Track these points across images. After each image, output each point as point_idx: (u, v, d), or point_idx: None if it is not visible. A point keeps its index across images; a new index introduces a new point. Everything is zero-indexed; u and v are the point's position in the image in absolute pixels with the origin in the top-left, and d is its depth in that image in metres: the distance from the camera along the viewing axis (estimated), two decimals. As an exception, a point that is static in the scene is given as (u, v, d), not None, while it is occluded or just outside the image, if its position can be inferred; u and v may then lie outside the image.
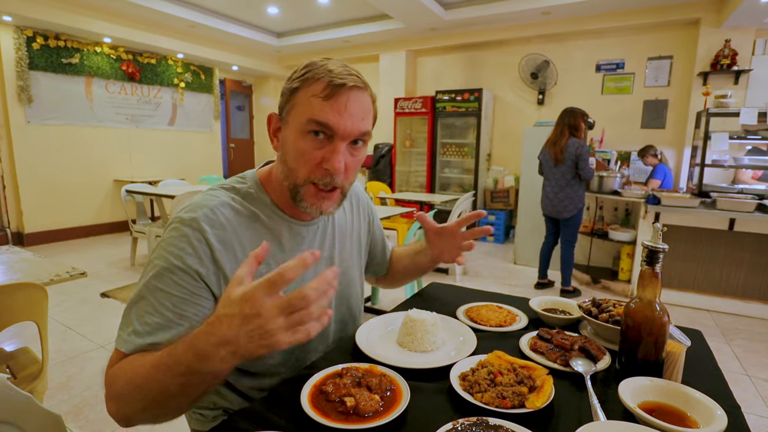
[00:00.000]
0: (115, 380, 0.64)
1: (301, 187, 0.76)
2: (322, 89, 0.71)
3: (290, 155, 0.75)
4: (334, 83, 0.71)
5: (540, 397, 0.66)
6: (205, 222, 0.73)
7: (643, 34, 4.83)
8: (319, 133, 0.72)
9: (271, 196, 0.83)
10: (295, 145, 0.74)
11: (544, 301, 1.09)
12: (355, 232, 1.01)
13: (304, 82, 0.73)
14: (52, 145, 4.97)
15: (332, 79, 0.71)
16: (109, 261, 4.36)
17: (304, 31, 6.33)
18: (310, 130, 0.72)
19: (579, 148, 3.24)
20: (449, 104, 5.61)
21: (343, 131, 0.72)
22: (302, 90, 0.73)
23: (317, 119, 0.71)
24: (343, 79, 0.72)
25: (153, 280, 0.69)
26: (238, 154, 7.77)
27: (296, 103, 0.74)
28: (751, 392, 2.22)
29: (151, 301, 0.68)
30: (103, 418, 1.88)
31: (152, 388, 0.60)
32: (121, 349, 0.66)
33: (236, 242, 0.76)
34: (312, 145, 0.73)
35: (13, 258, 1.61)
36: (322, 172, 0.74)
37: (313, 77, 0.73)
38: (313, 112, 0.71)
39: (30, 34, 4.66)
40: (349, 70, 0.74)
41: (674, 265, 3.41)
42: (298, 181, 0.75)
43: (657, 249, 0.72)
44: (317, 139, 0.73)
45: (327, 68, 0.73)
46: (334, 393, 0.68)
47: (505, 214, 5.46)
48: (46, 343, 1.33)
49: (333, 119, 0.71)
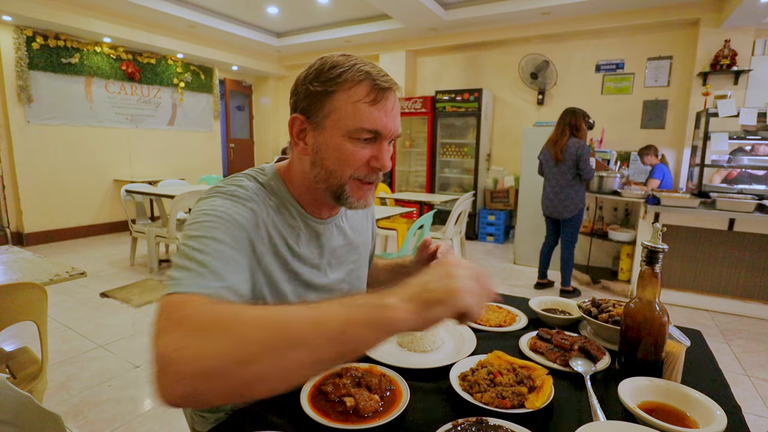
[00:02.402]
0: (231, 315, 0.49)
1: (345, 185, 0.77)
2: (366, 94, 0.72)
3: (332, 158, 0.75)
4: (380, 87, 0.72)
5: (540, 397, 0.66)
6: (245, 194, 0.73)
7: (643, 35, 4.84)
8: (366, 138, 0.74)
9: (292, 191, 0.83)
10: (340, 148, 0.74)
11: (544, 301, 1.09)
12: (364, 234, 1.02)
13: (340, 86, 0.72)
14: (52, 145, 4.97)
15: (375, 82, 0.72)
16: (109, 261, 4.36)
17: (303, 31, 6.33)
18: (360, 137, 0.73)
19: (580, 148, 3.24)
20: (449, 104, 5.61)
21: (389, 133, 0.75)
22: (341, 93, 0.72)
23: (368, 127, 0.72)
24: (386, 82, 0.73)
25: (201, 232, 0.63)
26: (237, 154, 7.77)
27: (336, 108, 0.73)
28: (750, 392, 2.22)
29: (206, 249, 0.61)
30: (102, 418, 1.88)
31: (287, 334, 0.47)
32: (196, 291, 0.54)
33: (269, 222, 0.76)
34: (359, 147, 0.74)
35: (13, 258, 1.61)
36: (369, 169, 0.76)
37: (352, 80, 0.72)
38: (362, 120, 0.72)
39: (30, 34, 4.65)
40: (380, 69, 0.75)
41: (674, 265, 3.41)
42: (342, 180, 0.76)
43: (657, 249, 0.72)
44: (364, 141, 0.74)
45: (364, 70, 0.72)
46: (334, 393, 0.68)
47: (504, 214, 5.46)
48: (45, 343, 1.33)
49: (381, 124, 0.73)
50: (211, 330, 0.47)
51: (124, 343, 2.58)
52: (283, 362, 0.46)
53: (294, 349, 0.46)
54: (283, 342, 0.46)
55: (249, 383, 0.46)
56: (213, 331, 0.47)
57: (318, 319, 0.48)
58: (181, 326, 0.48)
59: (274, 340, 0.46)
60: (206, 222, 0.65)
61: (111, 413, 1.91)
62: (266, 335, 0.47)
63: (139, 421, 1.87)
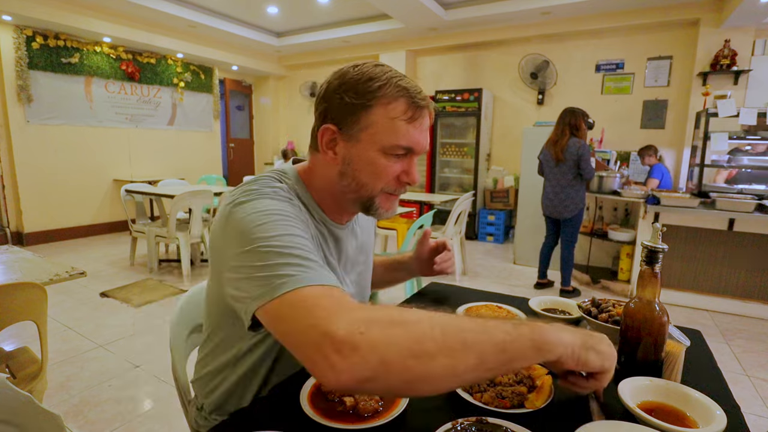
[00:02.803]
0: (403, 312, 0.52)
1: (376, 198, 0.78)
2: (404, 111, 0.72)
3: (365, 171, 0.75)
4: (417, 105, 0.73)
5: (539, 397, 0.66)
6: (283, 196, 0.72)
7: (643, 35, 4.84)
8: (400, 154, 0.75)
9: (313, 195, 0.82)
10: (374, 162, 0.74)
11: (544, 301, 1.09)
12: (371, 237, 1.04)
13: (378, 100, 0.71)
14: (52, 145, 4.96)
15: (413, 100, 0.73)
16: (109, 261, 4.36)
17: (303, 31, 6.33)
18: (395, 153, 0.74)
19: (580, 148, 3.24)
20: (449, 104, 5.61)
21: (421, 150, 0.76)
22: (379, 108, 0.71)
23: (404, 144, 0.73)
24: (423, 100, 0.74)
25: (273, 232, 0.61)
26: (237, 153, 7.77)
27: (373, 123, 0.72)
28: (750, 392, 2.22)
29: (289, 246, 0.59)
30: (102, 418, 1.88)
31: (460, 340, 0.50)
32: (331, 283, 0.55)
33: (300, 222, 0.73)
34: (392, 162, 0.75)
35: (13, 258, 1.61)
36: (399, 183, 0.78)
37: (390, 95, 0.71)
38: (399, 137, 0.73)
39: (29, 34, 4.65)
40: (416, 84, 0.76)
41: (674, 265, 3.41)
42: (374, 193, 0.77)
43: (656, 249, 0.72)
44: (396, 156, 0.75)
45: (401, 85, 0.72)
46: (334, 393, 0.67)
47: (504, 214, 5.46)
48: (45, 343, 1.33)
49: (415, 141, 0.74)
50: (388, 321, 0.49)
51: (124, 343, 2.58)
52: (453, 362, 0.48)
53: (465, 352, 0.49)
54: (457, 344, 0.49)
55: (420, 378, 0.48)
56: (391, 322, 0.49)
57: (488, 328, 0.52)
58: (355, 312, 0.50)
59: (450, 340, 0.49)
60: (275, 221, 0.63)
61: (111, 413, 1.91)
62: (442, 335, 0.49)
63: (139, 421, 1.87)
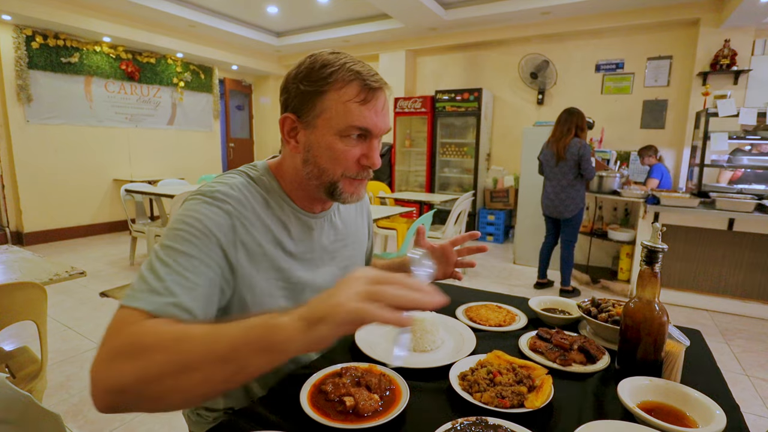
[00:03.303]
0: (142, 338, 0.53)
1: (338, 183, 0.78)
2: (356, 94, 0.73)
3: (324, 157, 0.77)
4: (370, 87, 0.74)
5: (539, 397, 0.66)
6: (224, 195, 0.74)
7: (643, 34, 4.84)
8: (358, 136, 0.76)
9: (283, 186, 0.84)
10: (331, 147, 0.76)
11: (544, 301, 1.09)
12: (359, 231, 1.02)
13: (331, 85, 0.73)
14: (52, 145, 4.96)
15: (365, 82, 0.74)
16: (109, 260, 4.36)
17: (303, 31, 6.33)
18: (351, 135, 0.75)
19: (582, 148, 3.25)
20: (449, 104, 5.61)
21: (379, 131, 0.77)
22: (332, 93, 0.73)
23: (359, 125, 0.74)
24: (376, 81, 0.75)
25: (171, 242, 0.66)
26: (237, 153, 7.77)
27: (327, 108, 0.74)
28: (749, 392, 2.22)
29: (169, 261, 0.64)
30: (102, 418, 1.88)
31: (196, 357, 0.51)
32: (142, 307, 0.58)
33: (254, 219, 0.77)
34: (350, 145, 0.76)
35: (12, 257, 1.61)
36: (360, 167, 0.78)
37: (342, 80, 0.73)
38: (353, 119, 0.74)
39: (29, 33, 4.65)
40: (370, 68, 0.77)
41: (673, 265, 3.41)
42: (335, 178, 0.78)
43: (656, 249, 0.72)
44: (354, 139, 0.76)
45: (354, 69, 0.74)
46: (334, 392, 0.68)
47: (504, 214, 5.46)
48: (45, 343, 1.33)
49: (371, 122, 0.75)
50: (128, 354, 0.52)
51: (123, 343, 2.58)
52: (178, 383, 0.51)
53: (187, 372, 0.50)
54: (176, 366, 0.51)
55: (156, 399, 0.52)
56: (130, 354, 0.52)
57: (210, 341, 0.52)
58: (112, 341, 0.55)
59: (170, 363, 0.51)
60: (180, 231, 0.67)
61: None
62: (164, 359, 0.51)
63: (138, 421, 1.87)
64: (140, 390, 0.51)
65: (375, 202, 4.46)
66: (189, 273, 0.64)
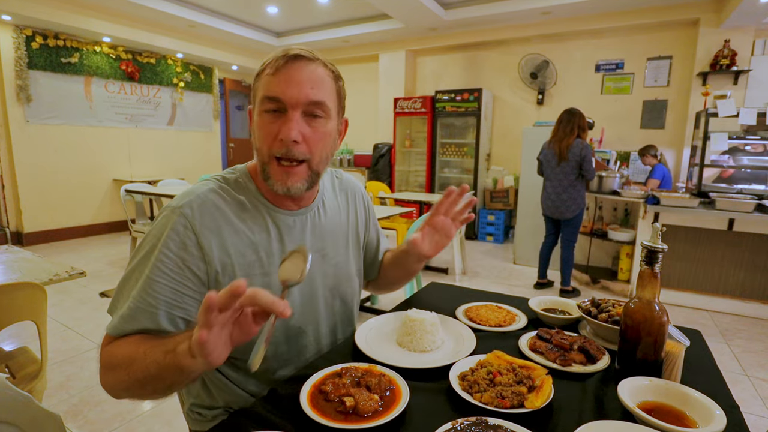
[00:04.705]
0: (110, 358, 0.69)
1: (267, 165, 0.77)
2: (271, 66, 0.75)
3: (255, 135, 0.79)
4: (279, 56, 0.75)
5: (539, 397, 0.66)
6: (191, 209, 0.75)
7: (643, 34, 4.84)
8: (274, 109, 0.75)
9: (258, 186, 0.84)
10: (257, 125, 0.77)
11: (544, 301, 1.09)
12: (351, 228, 1.00)
13: (262, 68, 0.77)
14: (52, 145, 4.96)
15: (279, 54, 0.76)
16: (108, 260, 4.36)
17: (303, 31, 6.33)
18: (266, 108, 0.75)
19: (584, 149, 3.25)
20: (449, 104, 5.61)
21: (290, 99, 0.74)
22: (260, 75, 0.77)
23: (268, 95, 0.74)
24: (287, 50, 0.76)
25: (140, 265, 0.73)
26: (237, 153, 7.77)
27: (256, 88, 0.78)
28: (749, 392, 2.22)
29: (137, 285, 0.72)
30: (102, 418, 1.88)
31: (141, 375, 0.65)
32: (109, 332, 0.72)
33: (225, 227, 0.78)
34: (268, 120, 0.76)
35: (12, 257, 1.61)
36: (279, 144, 0.75)
37: (268, 60, 0.77)
38: (265, 89, 0.75)
39: (29, 34, 4.65)
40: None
41: (673, 265, 3.41)
42: (264, 158, 0.77)
43: (656, 249, 0.72)
44: (273, 114, 0.75)
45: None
46: (334, 393, 0.68)
47: (504, 214, 5.46)
48: (45, 343, 1.33)
49: (279, 89, 0.73)
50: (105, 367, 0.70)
51: (123, 343, 2.58)
52: (142, 390, 0.67)
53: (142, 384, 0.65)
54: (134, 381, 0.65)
55: (138, 395, 0.69)
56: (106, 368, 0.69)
57: (146, 364, 0.63)
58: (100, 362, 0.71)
59: (129, 380, 0.66)
60: (149, 253, 0.73)
61: (111, 413, 1.91)
62: (125, 376, 0.66)
63: (138, 421, 1.87)
64: (125, 390, 0.68)
65: (375, 202, 4.46)
66: (152, 299, 0.70)
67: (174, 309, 0.72)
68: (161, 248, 0.72)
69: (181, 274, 0.73)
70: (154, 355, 0.63)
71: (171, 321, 0.72)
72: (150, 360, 0.63)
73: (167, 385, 0.65)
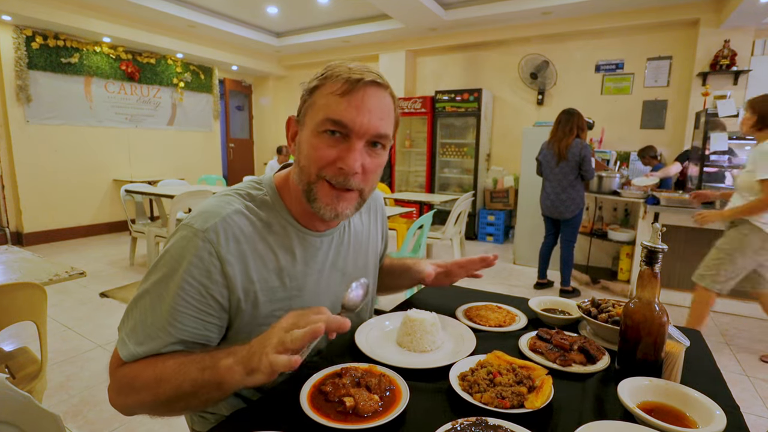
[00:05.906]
0: (132, 381, 0.67)
1: (314, 185, 0.72)
2: (339, 86, 0.69)
3: (304, 154, 0.73)
4: (352, 79, 0.69)
5: (539, 397, 0.66)
6: (215, 234, 0.70)
7: (643, 35, 4.84)
8: (335, 132, 0.70)
9: (287, 205, 0.80)
10: (309, 143, 0.71)
11: (544, 301, 1.09)
12: (371, 241, 0.98)
13: (322, 81, 0.71)
14: (51, 145, 4.96)
15: (350, 75, 0.69)
16: (109, 261, 4.36)
17: (303, 31, 6.33)
18: (326, 129, 0.70)
19: (584, 149, 3.26)
20: (449, 104, 5.61)
21: (359, 128, 0.69)
22: (320, 89, 0.71)
23: (332, 117, 0.69)
24: (361, 74, 0.69)
25: (158, 287, 0.69)
26: (237, 153, 7.77)
27: (313, 103, 0.72)
28: (749, 392, 2.22)
29: (153, 307, 0.69)
30: (102, 418, 1.88)
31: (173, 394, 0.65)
32: (120, 354, 0.69)
33: (249, 254, 0.74)
34: (327, 143, 0.70)
35: (12, 258, 1.61)
36: (336, 170, 0.70)
37: (331, 75, 0.70)
38: (329, 110, 0.69)
39: (29, 34, 4.65)
40: (369, 68, 0.73)
41: (673, 265, 3.41)
42: (311, 178, 0.72)
43: (656, 249, 0.72)
44: (333, 137, 0.70)
45: (346, 66, 0.71)
46: (334, 393, 0.67)
47: (504, 214, 5.46)
48: (45, 343, 1.33)
49: (348, 116, 0.68)
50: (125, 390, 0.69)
51: (123, 343, 2.58)
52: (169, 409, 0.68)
53: (171, 403, 0.65)
54: (162, 401, 0.65)
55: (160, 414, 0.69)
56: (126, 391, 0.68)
57: (179, 382, 0.63)
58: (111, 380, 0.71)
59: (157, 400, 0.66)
60: (167, 272, 0.69)
61: (110, 413, 1.91)
62: (152, 398, 0.66)
63: (138, 421, 1.87)
64: (148, 409, 0.68)
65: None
66: (168, 325, 0.68)
67: (197, 338, 0.70)
68: (184, 276, 0.68)
69: (204, 302, 0.70)
70: (188, 373, 0.63)
71: (188, 347, 0.70)
72: (183, 378, 0.63)
73: (202, 401, 0.65)
